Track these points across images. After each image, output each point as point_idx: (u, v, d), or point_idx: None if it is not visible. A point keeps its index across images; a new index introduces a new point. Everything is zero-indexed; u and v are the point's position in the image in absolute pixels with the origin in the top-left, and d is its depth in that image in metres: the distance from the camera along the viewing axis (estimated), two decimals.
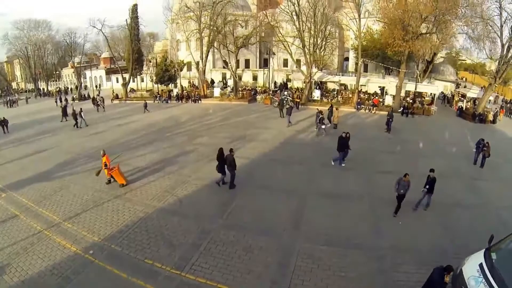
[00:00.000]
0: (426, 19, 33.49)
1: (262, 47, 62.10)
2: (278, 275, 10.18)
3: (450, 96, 48.87)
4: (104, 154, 16.78)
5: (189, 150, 22.82)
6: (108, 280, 10.14)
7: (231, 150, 15.99)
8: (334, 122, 28.32)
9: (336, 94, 43.87)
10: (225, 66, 50.96)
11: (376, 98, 40.14)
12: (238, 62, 51.46)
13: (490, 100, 41.28)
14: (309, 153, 21.99)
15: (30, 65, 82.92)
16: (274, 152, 22.16)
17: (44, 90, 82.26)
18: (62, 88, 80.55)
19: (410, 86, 40.87)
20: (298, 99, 39.97)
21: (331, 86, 48.10)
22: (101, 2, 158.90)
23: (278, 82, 57.49)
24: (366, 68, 54.36)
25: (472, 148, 21.20)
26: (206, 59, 49.52)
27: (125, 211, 14.15)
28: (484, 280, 8.23)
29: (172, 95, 48.91)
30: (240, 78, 56.26)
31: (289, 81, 56.67)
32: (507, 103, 46.35)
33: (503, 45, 34.08)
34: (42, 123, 36.22)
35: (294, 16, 39.87)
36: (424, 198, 13.96)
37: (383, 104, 39.26)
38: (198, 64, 49.86)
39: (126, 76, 56.55)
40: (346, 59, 68.72)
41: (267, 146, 23.18)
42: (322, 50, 44.73)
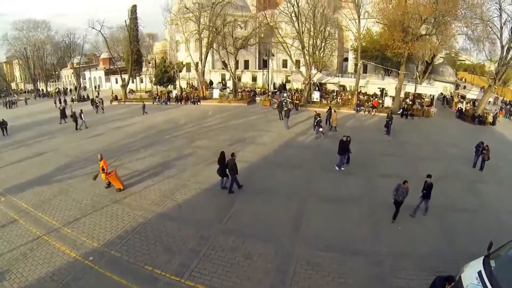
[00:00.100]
0: (426, 21, 33.40)
1: (262, 48, 62.09)
2: (278, 282, 10.19)
3: (450, 97, 48.89)
4: (101, 159, 16.73)
5: (188, 153, 22.80)
6: (108, 286, 10.16)
7: (233, 154, 16.01)
8: (333, 124, 28.31)
9: (335, 96, 43.83)
10: (224, 67, 50.87)
11: (375, 99, 40.09)
12: (237, 63, 51.44)
13: (489, 101, 41.28)
14: (308, 156, 21.98)
15: (29, 65, 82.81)
16: (274, 155, 22.14)
17: (43, 91, 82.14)
18: (61, 89, 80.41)
19: (409, 88, 40.86)
20: (298, 101, 39.97)
21: (331, 87, 48.02)
22: (101, 2, 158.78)
23: (277, 83, 57.46)
24: (365, 69, 54.35)
25: (471, 150, 21.15)
26: (205, 60, 49.50)
27: (124, 216, 14.14)
28: None
29: (171, 97, 48.84)
30: (239, 79, 56.26)
31: (288, 82, 56.61)
32: (507, 105, 46.38)
33: (503, 46, 34.06)
34: (41, 125, 36.17)
35: (294, 17, 39.75)
36: (421, 204, 13.94)
37: (383, 105, 39.21)
38: (197, 65, 49.83)
39: (125, 77, 56.51)
40: (346, 60, 68.76)
41: (267, 149, 23.14)
42: (321, 51, 44.77)
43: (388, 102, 39.68)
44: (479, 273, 8.73)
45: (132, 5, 58.12)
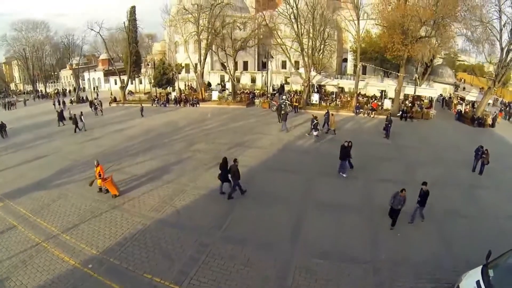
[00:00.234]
0: (425, 23, 33.38)
1: (261, 49, 62.09)
2: None
3: (448, 98, 48.94)
4: (97, 164, 16.74)
5: (187, 157, 22.73)
6: None
7: (235, 160, 16.00)
8: (332, 127, 28.29)
9: (334, 98, 43.79)
10: (223, 69, 50.79)
11: (374, 101, 40.07)
12: (236, 64, 51.31)
13: (489, 103, 41.31)
14: (307, 160, 21.93)
15: (28, 66, 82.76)
16: (273, 159, 22.07)
17: (42, 92, 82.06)
18: (60, 90, 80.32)
19: (409, 90, 40.82)
20: (297, 103, 39.89)
21: (330, 89, 47.95)
22: (100, 1, 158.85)
23: (276, 85, 57.33)
24: (364, 70, 54.29)
25: (471, 153, 21.12)
26: (204, 62, 49.44)
27: (123, 223, 14.11)
28: None
29: (170, 99, 48.75)
30: (238, 81, 56.18)
31: (287, 83, 56.55)
32: (506, 106, 46.43)
33: (502, 48, 34.08)
34: (40, 128, 36.10)
35: (293, 19, 39.65)
36: (416, 211, 13.89)
37: (382, 108, 39.16)
38: (196, 66, 49.79)
39: (124, 78, 56.46)
40: (345, 60, 68.77)
41: (266, 154, 23.06)
42: (320, 53, 44.73)
43: (387, 104, 39.64)
44: (477, 282, 8.75)
45: (131, 6, 58.18)
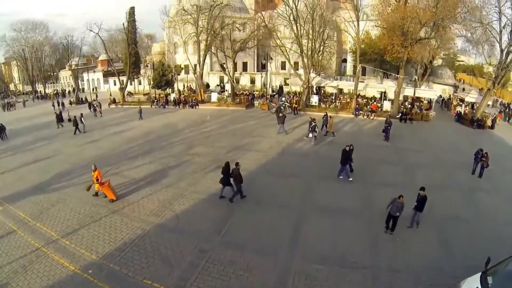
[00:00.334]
0: (425, 24, 33.35)
1: (260, 50, 61.95)
2: None
3: (447, 99, 48.96)
4: (95, 169, 16.72)
5: (186, 161, 22.66)
6: None
7: (237, 164, 16.13)
8: (330, 130, 28.29)
9: (334, 99, 43.73)
10: (222, 70, 50.66)
11: (374, 103, 40.03)
12: (235, 65, 51.26)
13: (488, 104, 41.33)
14: (307, 164, 21.90)
15: (28, 67, 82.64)
16: (272, 163, 22.03)
17: (41, 92, 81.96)
18: (60, 90, 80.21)
19: (408, 91, 40.79)
20: (296, 105, 39.83)
21: (330, 90, 47.87)
22: (100, 1, 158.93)
23: (275, 85, 57.30)
24: (364, 71, 54.32)
25: (470, 156, 21.12)
26: (204, 63, 49.36)
27: (122, 228, 14.10)
28: None
29: (169, 100, 48.62)
30: (237, 82, 56.11)
31: (286, 85, 56.53)
32: (506, 108, 46.44)
33: (502, 50, 34.08)
34: (39, 129, 36.03)
35: (292, 20, 39.56)
36: (415, 216, 13.80)
37: (381, 109, 39.15)
38: (195, 67, 49.74)
39: (123, 79, 56.40)
40: (344, 61, 68.79)
41: (265, 157, 23.03)
42: (320, 54, 44.65)
43: (387, 105, 39.57)
44: None
45: (130, 7, 58.01)
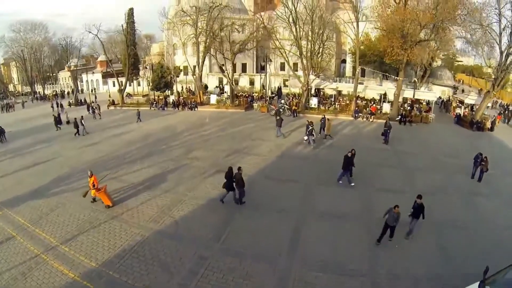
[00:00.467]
0: (425, 26, 33.23)
1: (259, 51, 61.94)
2: None
3: (447, 100, 48.98)
4: (91, 175, 16.69)
5: (185, 165, 22.57)
6: None
7: (239, 168, 16.22)
8: (327, 133, 28.24)
9: (333, 101, 43.65)
10: (221, 72, 50.53)
11: (373, 105, 39.96)
12: (234, 66, 51.18)
13: (488, 106, 41.34)
14: (306, 168, 21.82)
15: (27, 68, 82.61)
16: (271, 167, 21.93)
17: (40, 93, 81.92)
18: (59, 91, 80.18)
19: (408, 93, 40.77)
20: (296, 107, 39.73)
21: (329, 91, 47.76)
22: (100, 1, 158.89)
23: (274, 87, 57.28)
24: (363, 73, 54.24)
25: (470, 159, 21.08)
26: (203, 65, 49.26)
27: (122, 234, 14.09)
28: None
29: (168, 102, 48.47)
30: (236, 83, 55.99)
31: (285, 86, 56.53)
32: (505, 109, 46.45)
33: (502, 52, 34.04)
34: (39, 131, 36.01)
35: (291, 22, 39.43)
36: (411, 224, 13.50)
37: (381, 111, 39.10)
38: (194, 69, 49.67)
39: (122, 80, 56.32)
40: (343, 61, 68.84)
41: (264, 161, 22.95)
42: (319, 56, 44.60)
43: (386, 108, 39.44)
44: None
45: (129, 8, 58.04)
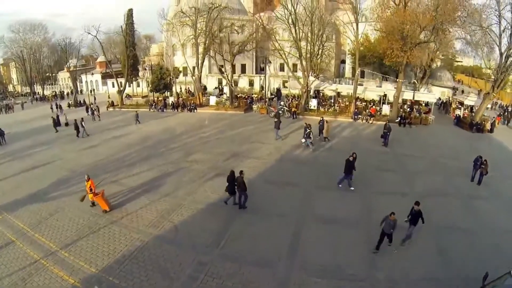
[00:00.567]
0: (425, 28, 33.23)
1: (259, 52, 61.89)
2: None
3: (446, 100, 49.07)
4: (88, 179, 16.67)
5: (184, 168, 22.49)
6: None
7: (241, 172, 16.29)
8: (325, 135, 28.20)
9: (333, 103, 43.61)
10: (220, 73, 50.39)
11: (373, 107, 39.92)
12: (234, 67, 51.12)
13: (488, 107, 41.41)
14: (305, 171, 21.76)
15: (26, 69, 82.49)
16: (270, 171, 21.89)
17: (39, 94, 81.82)
18: (58, 92, 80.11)
19: (407, 94, 40.84)
20: (296, 109, 39.66)
21: (329, 93, 47.75)
22: (100, 1, 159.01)
23: (273, 88, 57.24)
24: (363, 74, 54.33)
25: (470, 161, 21.11)
26: (202, 66, 49.16)
27: (121, 239, 14.08)
28: None
29: (167, 103, 48.35)
30: (236, 84, 55.95)
31: (285, 87, 56.53)
32: (504, 111, 46.51)
33: (502, 53, 34.08)
34: (38, 133, 35.95)
35: (291, 24, 39.43)
36: (409, 230, 13.41)
37: (380, 113, 39.12)
38: (193, 70, 49.55)
39: (122, 80, 56.29)
40: (343, 62, 68.95)
41: (263, 165, 22.87)
42: (319, 57, 44.59)
43: (386, 109, 39.46)
44: None
45: (128, 9, 57.82)
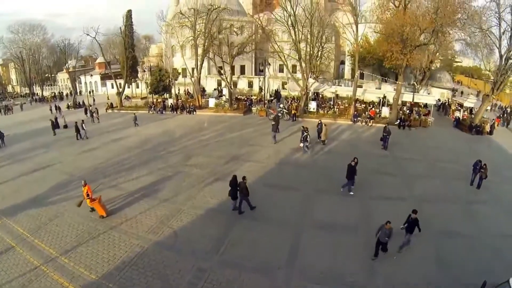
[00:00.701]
0: (425, 31, 33.18)
1: (258, 53, 61.87)
2: None
3: (446, 102, 49.12)
4: (85, 184, 16.68)
5: (183, 173, 22.46)
6: None
7: (244, 177, 16.40)
8: (322, 139, 28.18)
9: (332, 105, 43.60)
10: (219, 75, 50.31)
11: (372, 109, 39.92)
12: (233, 68, 51.02)
13: (487, 109, 41.46)
14: (305, 175, 21.76)
15: (25, 69, 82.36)
16: (270, 175, 21.88)
17: (38, 95, 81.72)
18: (57, 93, 79.98)
19: (407, 96, 40.86)
20: (295, 111, 39.64)
21: (328, 94, 47.73)
22: (100, 1, 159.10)
23: (272, 90, 57.23)
24: (362, 75, 54.36)
25: (469, 165, 21.09)
26: (201, 68, 49.10)
27: (121, 245, 14.08)
28: None
29: (166, 105, 48.23)
30: (235, 85, 55.86)
31: (284, 89, 56.49)
32: (504, 112, 46.55)
33: (501, 56, 34.09)
34: (37, 135, 35.86)
35: (290, 26, 39.41)
36: (406, 237, 13.37)
37: (380, 115, 39.11)
38: (193, 71, 49.45)
39: (121, 82, 56.25)
40: (342, 63, 68.95)
41: (263, 168, 22.87)
42: (318, 59, 44.59)
43: (385, 112, 39.45)
44: None
45: (127, 10, 57.71)
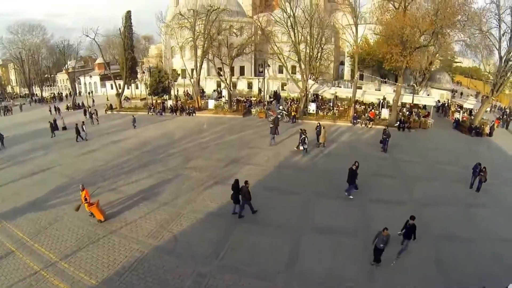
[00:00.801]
0: (425, 32, 33.17)
1: (257, 55, 61.87)
2: None
3: (445, 102, 49.13)
4: (83, 189, 16.65)
5: (183, 176, 22.41)
6: None
7: (246, 182, 16.45)
8: (321, 141, 28.14)
9: (332, 106, 43.54)
10: (219, 76, 50.31)
11: (372, 111, 39.87)
12: (232, 70, 50.98)
13: (487, 111, 41.49)
14: (304, 178, 21.73)
15: (24, 70, 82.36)
16: (269, 178, 21.83)
17: (38, 96, 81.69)
18: (56, 94, 79.97)
19: (407, 98, 40.85)
20: (295, 112, 39.59)
21: (328, 95, 47.70)
22: (100, 1, 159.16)
23: (271, 91, 57.24)
24: (361, 76, 54.35)
25: (469, 167, 21.04)
26: (200, 69, 49.07)
27: (121, 250, 14.07)
28: None
29: (166, 107, 48.18)
30: (234, 86, 55.83)
31: (283, 90, 56.47)
32: (503, 114, 46.57)
33: (501, 57, 34.07)
34: (36, 137, 35.93)
35: (290, 27, 39.40)
36: (404, 244, 13.36)
37: (379, 117, 39.10)
38: (192, 72, 49.43)
39: (120, 82, 56.31)
40: (342, 64, 68.96)
41: (262, 171, 22.84)
42: (318, 60, 44.57)
43: (385, 113, 39.39)
44: None
45: (126, 11, 57.78)
